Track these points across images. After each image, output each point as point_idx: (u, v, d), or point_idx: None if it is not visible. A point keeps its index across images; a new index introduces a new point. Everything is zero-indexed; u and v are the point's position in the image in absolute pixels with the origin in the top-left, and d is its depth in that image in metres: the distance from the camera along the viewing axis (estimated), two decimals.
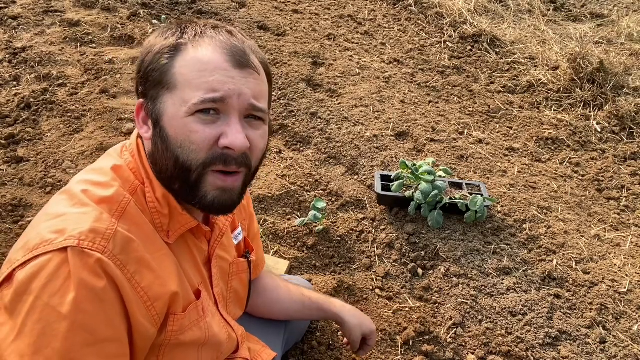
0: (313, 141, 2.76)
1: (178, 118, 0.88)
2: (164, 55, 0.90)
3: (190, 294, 0.98)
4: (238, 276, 1.18)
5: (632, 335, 1.89)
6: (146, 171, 0.95)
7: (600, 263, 2.18)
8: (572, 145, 2.97)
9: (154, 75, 0.90)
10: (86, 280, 0.79)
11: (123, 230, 0.86)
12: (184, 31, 0.92)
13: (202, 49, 0.89)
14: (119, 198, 0.90)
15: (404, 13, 4.28)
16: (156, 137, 0.91)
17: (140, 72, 0.94)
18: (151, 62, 0.91)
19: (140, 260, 0.87)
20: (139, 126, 0.95)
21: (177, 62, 0.89)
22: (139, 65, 0.94)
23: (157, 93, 0.91)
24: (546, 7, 4.64)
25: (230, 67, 0.89)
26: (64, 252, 0.80)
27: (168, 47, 0.90)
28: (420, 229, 2.24)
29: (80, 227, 0.83)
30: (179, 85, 0.89)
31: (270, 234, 2.20)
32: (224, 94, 0.88)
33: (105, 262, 0.81)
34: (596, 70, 3.36)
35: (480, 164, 2.71)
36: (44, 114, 2.76)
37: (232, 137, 0.88)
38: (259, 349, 1.27)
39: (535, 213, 2.39)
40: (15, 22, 3.47)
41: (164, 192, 0.94)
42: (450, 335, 1.86)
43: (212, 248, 1.07)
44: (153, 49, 0.92)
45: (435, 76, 3.52)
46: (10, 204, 2.18)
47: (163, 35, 0.93)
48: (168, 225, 0.95)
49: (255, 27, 3.73)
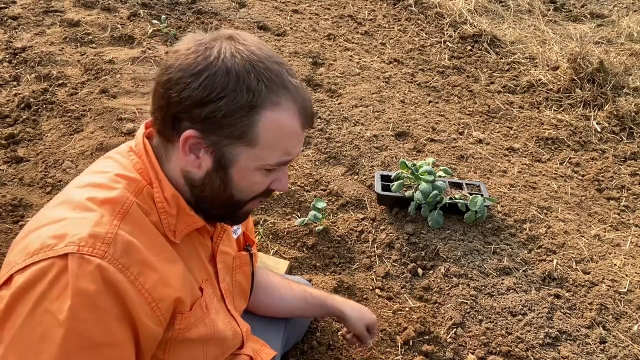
0: (313, 141, 2.76)
1: (248, 170, 0.94)
2: (246, 111, 0.88)
3: (196, 291, 1.00)
4: (241, 269, 1.20)
5: (632, 335, 1.89)
6: (155, 172, 0.96)
7: (600, 263, 2.18)
8: (572, 145, 2.97)
9: (230, 128, 0.89)
10: (83, 287, 0.80)
11: (124, 233, 0.87)
12: (268, 86, 0.89)
13: (284, 113, 0.91)
14: (122, 199, 0.91)
15: (404, 13, 4.28)
16: (215, 177, 0.94)
17: (203, 110, 0.88)
18: (229, 114, 0.88)
19: (143, 261, 0.88)
20: (184, 153, 0.92)
21: (259, 122, 0.89)
22: (201, 100, 0.88)
23: (230, 142, 0.91)
24: (546, 7, 4.64)
25: (301, 130, 0.95)
26: (64, 259, 0.81)
27: (251, 105, 0.88)
28: (420, 229, 2.24)
29: (80, 233, 0.83)
30: (259, 145, 0.91)
31: (270, 234, 2.20)
32: (295, 155, 0.97)
33: (105, 267, 0.82)
34: (596, 70, 3.36)
35: (480, 164, 2.71)
36: (44, 114, 2.76)
37: (283, 185, 1.00)
38: (259, 347, 1.27)
39: (535, 213, 2.39)
40: (15, 22, 3.47)
41: (173, 193, 0.96)
42: (450, 335, 1.86)
43: (215, 244, 1.09)
44: (232, 97, 0.87)
45: (435, 76, 3.52)
46: (10, 204, 2.19)
47: (244, 83, 0.88)
48: (175, 224, 0.97)
49: (255, 27, 3.73)
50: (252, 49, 0.90)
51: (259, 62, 0.89)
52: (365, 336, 1.55)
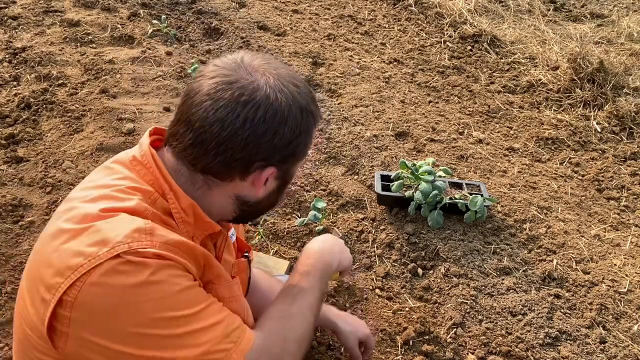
0: (313, 141, 2.76)
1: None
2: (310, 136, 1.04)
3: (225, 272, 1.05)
4: (240, 276, 1.20)
5: (632, 335, 1.89)
6: (169, 183, 0.97)
7: (600, 263, 2.19)
8: (572, 145, 2.97)
9: (303, 150, 1.03)
10: (157, 263, 0.84)
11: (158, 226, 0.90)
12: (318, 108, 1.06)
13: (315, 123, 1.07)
14: (140, 208, 0.92)
15: (404, 13, 4.28)
16: (275, 194, 1.06)
17: (286, 150, 0.99)
18: (305, 145, 1.03)
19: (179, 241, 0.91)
20: (258, 187, 1.00)
21: (313, 138, 1.06)
22: (287, 142, 0.98)
23: (297, 162, 1.06)
24: (546, 7, 4.64)
25: None
26: (117, 259, 0.82)
27: (314, 130, 1.04)
28: (420, 229, 2.24)
29: (122, 232, 0.85)
30: (304, 158, 1.07)
31: (270, 234, 2.20)
32: None
33: (161, 253, 0.85)
34: (596, 70, 3.36)
35: (480, 164, 2.72)
36: (44, 114, 2.76)
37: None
38: None
39: (535, 213, 2.39)
40: (15, 22, 3.47)
41: (190, 202, 0.97)
42: (450, 335, 1.86)
43: (219, 251, 1.11)
44: (304, 131, 1.00)
45: (435, 76, 3.52)
46: (10, 204, 2.19)
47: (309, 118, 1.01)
48: (193, 232, 0.99)
49: (255, 27, 3.73)
50: (295, 76, 1.01)
51: (305, 89, 1.02)
52: (355, 353, 1.48)
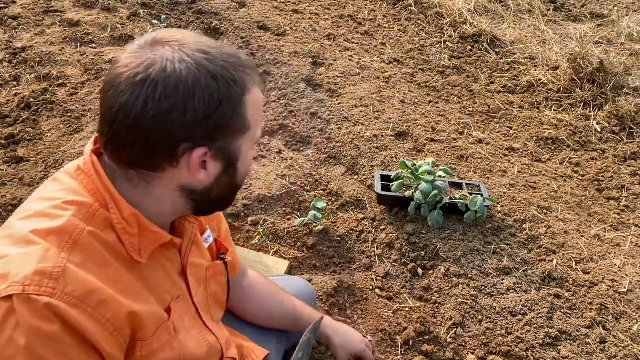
0: (313, 141, 2.76)
1: (248, 154, 0.96)
2: (239, 104, 0.90)
3: (160, 315, 0.95)
4: (215, 279, 1.15)
5: (632, 335, 1.89)
6: (109, 192, 0.90)
7: (600, 263, 2.19)
8: (572, 145, 2.97)
9: (235, 126, 0.90)
10: (37, 326, 0.76)
11: (74, 266, 0.81)
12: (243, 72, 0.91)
13: (255, 91, 0.93)
14: (70, 228, 0.84)
15: (404, 13, 4.28)
16: (224, 176, 0.95)
17: (210, 126, 0.87)
18: (231, 115, 0.89)
19: (99, 292, 0.82)
20: (196, 172, 0.90)
21: (248, 108, 0.91)
22: (203, 116, 0.86)
23: (233, 139, 0.91)
24: (546, 7, 4.64)
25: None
26: (9, 300, 0.76)
27: (241, 96, 0.89)
28: (420, 229, 2.24)
29: (24, 271, 0.78)
30: (251, 127, 0.93)
31: (270, 234, 2.20)
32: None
33: (55, 304, 0.77)
34: (596, 70, 3.36)
35: (480, 164, 2.72)
36: (44, 114, 2.76)
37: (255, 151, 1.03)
38: (252, 345, 1.26)
39: (535, 213, 2.39)
40: (15, 22, 3.47)
41: (132, 212, 0.90)
42: (450, 335, 1.86)
43: (184, 257, 1.04)
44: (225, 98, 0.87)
45: (435, 76, 3.52)
46: (10, 204, 2.19)
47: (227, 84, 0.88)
48: (139, 244, 0.91)
49: (255, 27, 3.73)
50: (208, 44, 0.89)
51: (222, 54, 0.89)
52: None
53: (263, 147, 2.70)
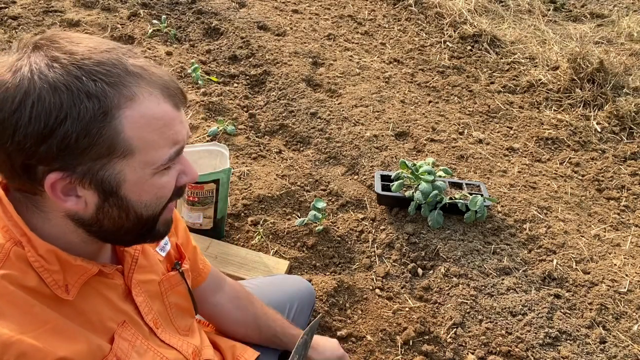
0: (313, 141, 2.76)
1: (143, 182, 0.81)
2: (99, 122, 0.74)
3: (101, 349, 0.86)
4: (173, 290, 1.06)
5: (632, 335, 1.89)
6: (20, 229, 0.81)
7: (600, 263, 2.19)
8: (572, 145, 2.97)
9: (94, 149, 0.75)
10: None
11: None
12: (109, 81, 0.74)
13: (146, 102, 0.77)
14: None
15: (404, 13, 4.28)
16: (109, 207, 0.81)
17: (53, 146, 0.73)
18: (83, 134, 0.73)
19: (18, 345, 0.74)
20: (60, 200, 0.78)
21: (123, 126, 0.75)
22: (38, 135, 0.72)
23: (102, 164, 0.77)
24: (546, 7, 4.64)
25: (177, 112, 0.81)
26: None
27: (100, 112, 0.73)
28: (420, 229, 2.24)
29: None
30: (136, 150, 0.77)
31: (270, 234, 2.20)
32: (183, 142, 0.83)
33: None
34: (596, 70, 3.36)
35: (480, 164, 2.72)
36: None
37: (190, 173, 0.88)
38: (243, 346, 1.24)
39: (535, 213, 2.39)
40: (15, 22, 3.47)
41: (48, 248, 0.81)
42: (450, 335, 1.86)
43: (127, 279, 0.96)
44: (70, 115, 0.72)
45: (435, 76, 3.52)
46: None
47: (78, 93, 0.72)
48: (64, 280, 0.82)
49: (255, 27, 3.73)
50: (69, 48, 0.74)
51: (84, 60, 0.73)
52: None
53: (263, 147, 2.70)
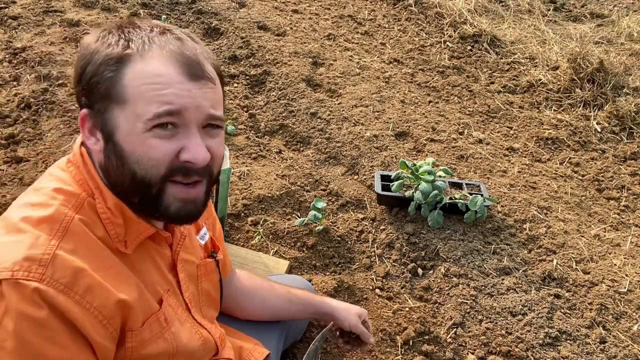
0: (313, 141, 2.76)
1: (134, 134, 0.84)
2: (109, 67, 0.84)
3: (151, 305, 0.94)
4: (207, 277, 1.14)
5: (632, 335, 1.89)
6: (94, 181, 0.90)
7: (600, 263, 2.19)
8: (572, 145, 2.97)
9: (99, 88, 0.85)
10: (25, 312, 0.76)
11: (64, 253, 0.82)
12: (129, 39, 0.86)
13: (153, 61, 0.85)
14: (59, 217, 0.85)
15: (404, 13, 4.28)
16: (109, 151, 0.87)
17: (82, 83, 0.87)
18: (95, 73, 0.85)
19: (88, 279, 0.82)
20: (85, 137, 0.90)
21: (125, 75, 0.84)
22: (78, 74, 0.88)
23: (105, 107, 0.86)
24: (546, 7, 4.64)
25: (185, 79, 0.85)
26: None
27: (114, 58, 0.84)
28: (420, 229, 2.24)
29: (13, 257, 0.79)
30: (130, 100, 0.84)
31: (270, 234, 2.20)
32: (181, 107, 0.84)
33: (44, 290, 0.77)
34: (596, 70, 3.36)
35: (480, 164, 2.71)
36: (44, 114, 2.76)
37: (193, 152, 0.87)
38: (251, 347, 1.25)
39: (535, 213, 2.39)
40: (15, 22, 3.47)
41: (116, 202, 0.90)
42: (450, 335, 1.86)
43: (175, 253, 1.03)
44: (95, 58, 0.85)
45: (435, 76, 3.52)
46: (10, 204, 2.18)
47: (105, 42, 0.86)
48: (124, 235, 0.91)
49: (255, 27, 3.73)
50: (131, 20, 0.91)
51: (127, 24, 0.88)
52: (362, 329, 1.43)
53: (263, 147, 2.70)
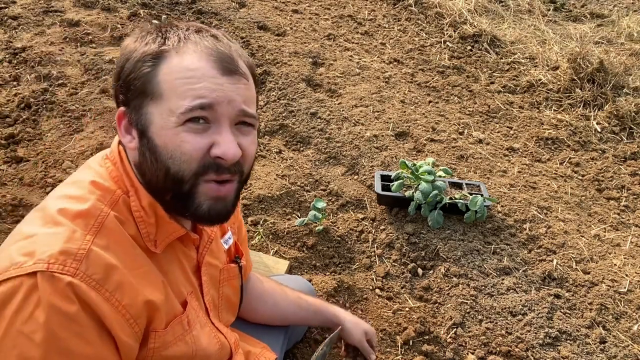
0: (313, 141, 2.76)
1: (167, 128, 0.86)
2: (145, 63, 0.86)
3: (175, 307, 0.95)
4: (229, 282, 1.15)
5: (632, 335, 1.89)
6: (130, 180, 0.92)
7: (600, 263, 2.19)
8: (572, 145, 2.97)
9: (136, 84, 0.87)
10: (57, 305, 0.77)
11: (98, 249, 0.83)
12: (165, 36, 0.88)
13: (187, 56, 0.86)
14: (95, 212, 0.86)
15: (404, 13, 4.28)
16: (143, 147, 0.88)
17: (120, 80, 0.90)
18: (132, 70, 0.87)
19: (119, 277, 0.84)
20: (122, 135, 0.91)
21: (161, 71, 0.86)
22: (117, 72, 0.90)
23: (140, 103, 0.87)
24: (546, 7, 4.64)
25: (219, 74, 0.86)
26: (33, 277, 0.77)
27: (150, 55, 0.86)
28: (420, 229, 2.24)
29: (50, 250, 0.80)
30: (164, 95, 0.85)
31: (270, 234, 2.20)
32: (213, 100, 0.85)
33: (77, 284, 0.78)
34: (596, 70, 3.36)
35: (480, 164, 2.71)
36: (44, 114, 2.76)
37: (224, 147, 0.87)
38: (259, 351, 1.26)
39: (535, 213, 2.39)
40: (15, 22, 3.47)
41: (150, 201, 0.91)
42: (450, 335, 1.86)
43: (201, 255, 1.04)
44: (133, 56, 0.88)
45: (435, 76, 3.52)
46: (10, 204, 2.18)
47: (143, 41, 0.89)
48: (155, 234, 0.92)
49: (255, 27, 3.73)
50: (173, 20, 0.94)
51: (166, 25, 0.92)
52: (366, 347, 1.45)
53: (263, 147, 2.70)
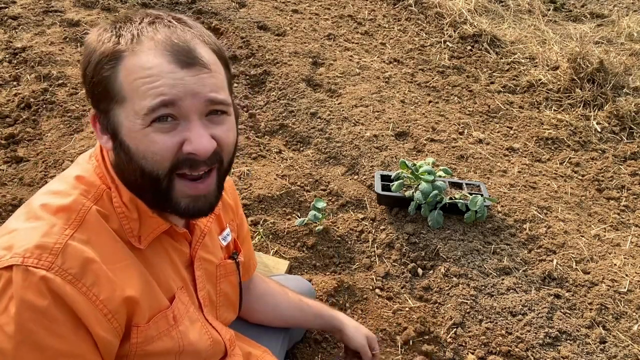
0: (313, 141, 2.76)
1: (135, 131, 0.84)
2: (104, 66, 0.84)
3: (160, 302, 0.94)
4: (226, 278, 1.14)
5: (632, 335, 1.89)
6: (111, 176, 0.92)
7: (600, 263, 2.19)
8: (572, 145, 2.97)
9: (99, 89, 0.85)
10: (27, 299, 0.77)
11: (77, 243, 0.83)
12: (119, 34, 0.85)
13: (143, 55, 0.83)
14: (77, 206, 0.87)
15: (404, 13, 4.28)
16: (117, 149, 0.88)
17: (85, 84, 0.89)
18: (93, 74, 0.85)
19: (97, 271, 0.83)
20: (99, 137, 0.91)
21: (120, 72, 0.84)
22: (82, 75, 0.89)
23: (107, 107, 0.86)
24: (546, 7, 4.64)
25: (177, 68, 0.83)
26: (9, 270, 0.78)
27: (107, 57, 0.84)
28: (420, 229, 2.24)
29: (26, 244, 0.80)
30: (127, 97, 0.84)
31: (270, 234, 2.20)
32: (174, 97, 0.82)
33: (51, 279, 0.78)
34: (596, 70, 3.36)
35: (480, 164, 2.71)
36: (44, 114, 2.76)
37: (195, 143, 0.85)
38: (260, 354, 1.25)
39: (535, 213, 2.39)
40: (15, 22, 3.47)
41: (131, 196, 0.91)
42: (450, 335, 1.86)
43: (193, 250, 1.03)
44: (92, 59, 0.86)
45: (435, 76, 3.52)
46: (10, 204, 2.18)
47: (99, 39, 0.86)
48: (139, 229, 0.92)
49: (255, 27, 3.73)
50: (128, 13, 0.91)
51: (121, 19, 0.88)
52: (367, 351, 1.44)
53: (263, 147, 2.70)
